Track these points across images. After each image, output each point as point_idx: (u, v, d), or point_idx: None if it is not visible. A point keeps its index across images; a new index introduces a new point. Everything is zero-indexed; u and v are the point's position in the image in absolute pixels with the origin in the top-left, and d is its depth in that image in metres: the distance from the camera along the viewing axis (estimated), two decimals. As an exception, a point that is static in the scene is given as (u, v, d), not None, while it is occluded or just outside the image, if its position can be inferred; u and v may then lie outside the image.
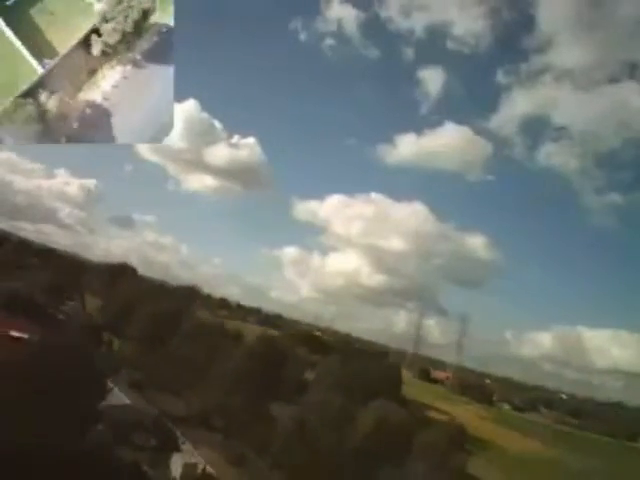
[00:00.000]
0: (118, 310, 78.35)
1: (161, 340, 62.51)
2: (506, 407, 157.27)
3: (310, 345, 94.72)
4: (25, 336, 43.49)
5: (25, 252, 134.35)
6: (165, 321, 66.11)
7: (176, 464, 39.46)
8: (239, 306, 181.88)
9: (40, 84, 7.57)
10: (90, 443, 31.05)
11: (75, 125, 7.96)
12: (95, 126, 8.06)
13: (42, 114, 7.54)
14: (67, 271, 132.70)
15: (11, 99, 7.31)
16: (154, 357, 57.06)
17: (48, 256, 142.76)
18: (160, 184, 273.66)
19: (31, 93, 7.49)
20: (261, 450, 42.85)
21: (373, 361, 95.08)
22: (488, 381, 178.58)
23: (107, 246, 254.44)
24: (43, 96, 7.59)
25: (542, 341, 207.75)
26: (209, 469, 39.40)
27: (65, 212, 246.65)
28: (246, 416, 48.42)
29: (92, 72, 8.08)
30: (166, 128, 8.21)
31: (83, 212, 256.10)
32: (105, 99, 8.09)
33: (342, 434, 40.86)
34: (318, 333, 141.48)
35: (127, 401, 46.75)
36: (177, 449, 41.79)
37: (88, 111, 8.06)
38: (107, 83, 8.14)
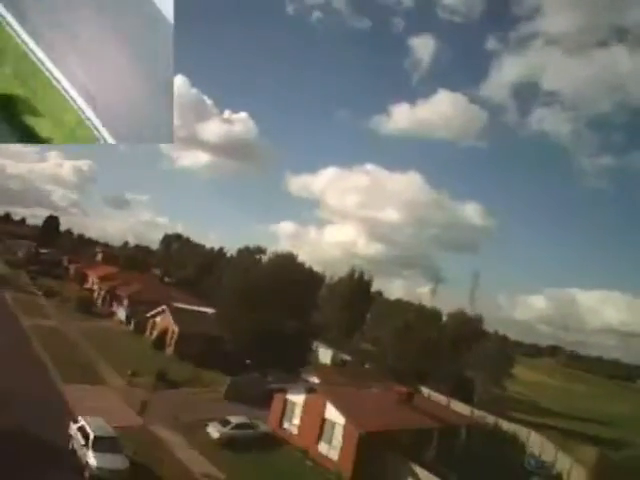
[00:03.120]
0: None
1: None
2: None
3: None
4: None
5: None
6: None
7: (324, 353, 55.37)
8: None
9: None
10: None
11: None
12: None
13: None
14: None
15: None
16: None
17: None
18: (153, 163, 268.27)
19: None
20: (375, 344, 58.48)
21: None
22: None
23: (102, 227, 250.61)
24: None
25: (537, 303, 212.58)
26: (345, 357, 55.19)
27: (59, 194, 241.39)
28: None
29: None
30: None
31: (76, 194, 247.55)
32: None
33: (434, 330, 56.69)
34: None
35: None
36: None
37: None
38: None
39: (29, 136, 5.69)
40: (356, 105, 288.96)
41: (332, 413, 25.88)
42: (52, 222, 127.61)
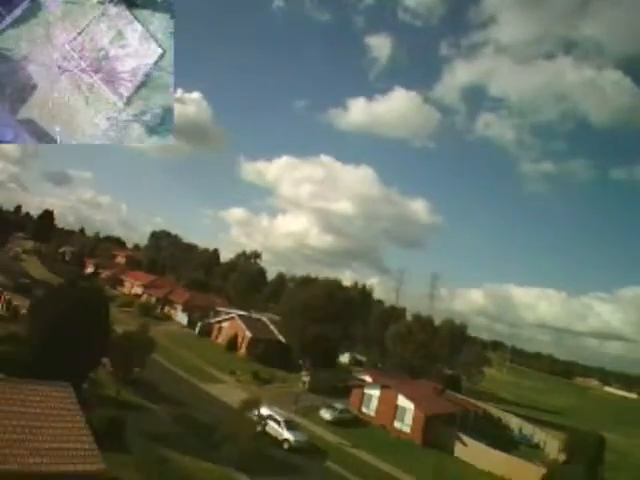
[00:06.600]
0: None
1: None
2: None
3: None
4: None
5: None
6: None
7: (344, 357, 68.66)
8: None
9: None
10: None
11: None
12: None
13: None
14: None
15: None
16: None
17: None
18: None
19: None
20: (379, 350, 72.54)
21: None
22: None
23: (41, 204, 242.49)
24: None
25: (475, 297, 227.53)
26: (360, 357, 68.73)
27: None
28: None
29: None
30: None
31: (16, 168, 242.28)
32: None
33: (428, 333, 71.38)
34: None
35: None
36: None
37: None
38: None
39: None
40: (314, 96, 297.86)
41: (403, 401, 39.35)
42: (47, 216, 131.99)
